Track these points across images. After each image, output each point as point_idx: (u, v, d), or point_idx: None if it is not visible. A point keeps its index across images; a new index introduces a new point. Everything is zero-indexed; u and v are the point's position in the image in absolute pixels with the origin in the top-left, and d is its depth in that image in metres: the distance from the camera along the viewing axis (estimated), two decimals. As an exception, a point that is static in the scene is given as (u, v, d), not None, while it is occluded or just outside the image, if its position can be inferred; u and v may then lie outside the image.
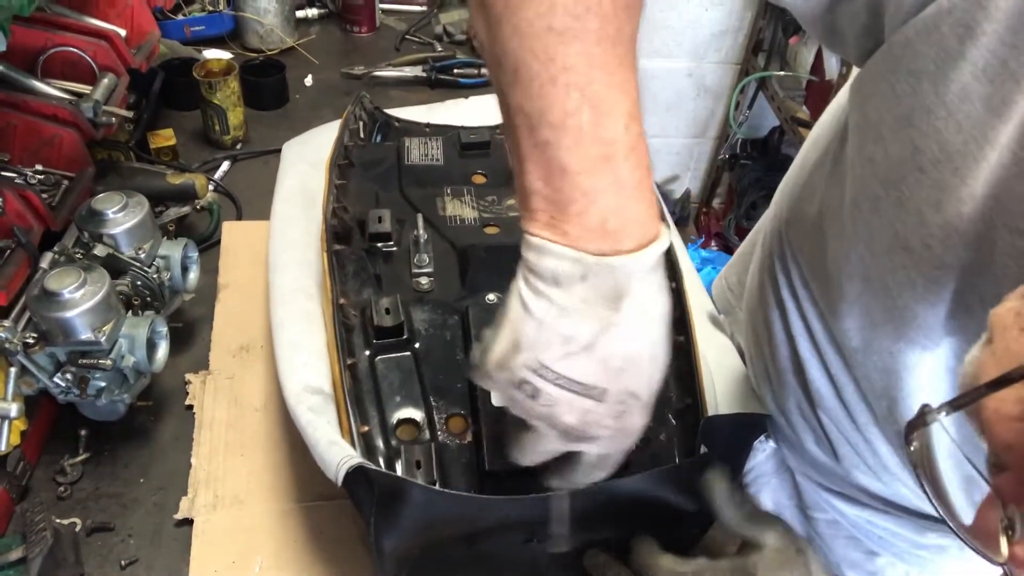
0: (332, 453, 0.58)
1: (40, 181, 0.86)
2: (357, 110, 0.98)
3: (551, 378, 0.45)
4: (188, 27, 1.47)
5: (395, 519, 0.58)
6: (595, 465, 0.51)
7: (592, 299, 0.44)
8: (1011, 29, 0.41)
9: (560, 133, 0.42)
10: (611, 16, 0.42)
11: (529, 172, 0.44)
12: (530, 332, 0.44)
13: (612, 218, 0.43)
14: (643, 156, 0.44)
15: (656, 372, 0.48)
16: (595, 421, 0.46)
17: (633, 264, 0.43)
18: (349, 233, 0.79)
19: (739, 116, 2.45)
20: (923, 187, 0.47)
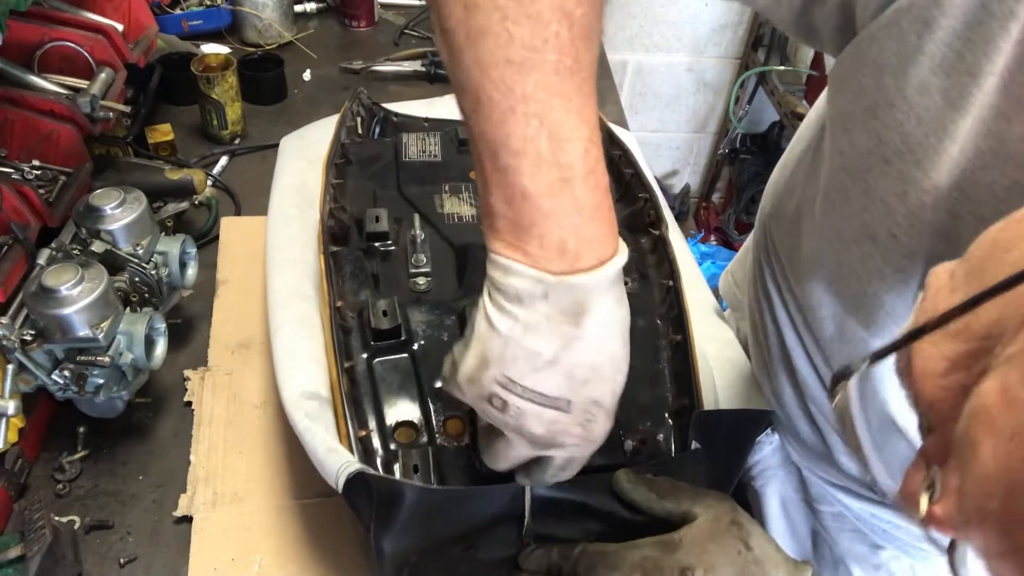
0: (331, 460, 0.58)
1: (37, 177, 0.86)
2: (355, 106, 0.97)
3: (518, 392, 0.47)
4: (186, 21, 1.46)
5: (394, 522, 0.58)
6: (562, 468, 0.53)
7: (554, 316, 0.45)
8: (966, 24, 0.42)
9: (520, 159, 0.44)
10: (568, 47, 0.44)
11: (493, 195, 0.46)
12: (497, 348, 0.46)
13: (571, 238, 0.45)
14: (601, 179, 0.47)
15: (618, 379, 0.49)
16: (562, 430, 0.48)
17: (591, 281, 0.45)
18: (347, 233, 0.79)
19: (739, 111, 2.45)
20: (888, 178, 0.49)
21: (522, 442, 0.50)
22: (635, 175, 0.86)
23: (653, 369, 0.71)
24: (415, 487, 0.57)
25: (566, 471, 0.54)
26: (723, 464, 0.64)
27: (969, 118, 0.44)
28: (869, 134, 0.50)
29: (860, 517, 0.76)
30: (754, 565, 0.56)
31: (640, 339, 0.73)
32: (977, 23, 0.42)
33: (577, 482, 0.58)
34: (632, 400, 0.69)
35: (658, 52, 2.37)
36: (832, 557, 0.82)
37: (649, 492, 0.60)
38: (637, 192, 0.85)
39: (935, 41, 0.44)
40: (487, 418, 0.49)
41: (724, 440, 0.64)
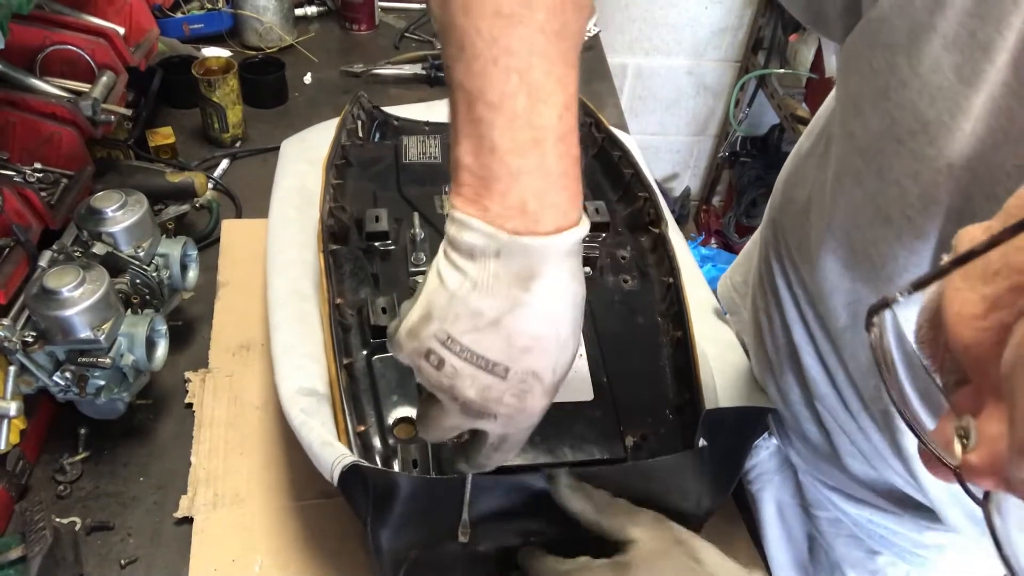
0: (326, 454, 0.58)
1: (39, 179, 0.86)
2: (355, 109, 0.98)
3: (456, 350, 0.46)
4: (187, 25, 1.47)
5: (390, 515, 0.58)
6: (496, 447, 0.52)
7: (504, 276, 0.44)
8: (977, 2, 0.42)
9: (495, 112, 0.43)
10: (558, 10, 0.44)
11: (461, 146, 0.45)
12: (441, 303, 0.45)
13: (532, 200, 0.44)
14: (572, 147, 0.46)
15: (563, 358, 0.48)
16: (495, 398, 0.47)
17: (546, 246, 0.44)
18: (346, 233, 0.79)
19: (739, 114, 2.45)
20: (901, 158, 0.48)
21: (454, 407, 0.48)
22: (635, 175, 0.87)
23: (654, 366, 0.72)
24: (409, 477, 0.57)
25: (500, 452, 0.53)
26: (726, 462, 0.65)
27: (982, 95, 0.43)
28: (882, 115, 0.49)
29: (857, 522, 0.76)
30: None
31: (641, 336, 0.74)
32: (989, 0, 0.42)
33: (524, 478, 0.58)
34: (633, 396, 0.69)
35: (658, 55, 2.38)
36: (828, 563, 0.82)
37: (586, 504, 0.59)
38: (637, 191, 0.85)
39: (947, 19, 0.44)
40: (421, 377, 0.48)
41: (727, 438, 0.64)
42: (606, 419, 0.67)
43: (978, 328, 0.29)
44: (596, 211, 0.81)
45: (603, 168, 0.92)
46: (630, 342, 0.73)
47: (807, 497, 0.81)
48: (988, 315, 0.29)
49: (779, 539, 0.84)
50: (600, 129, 0.96)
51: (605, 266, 0.79)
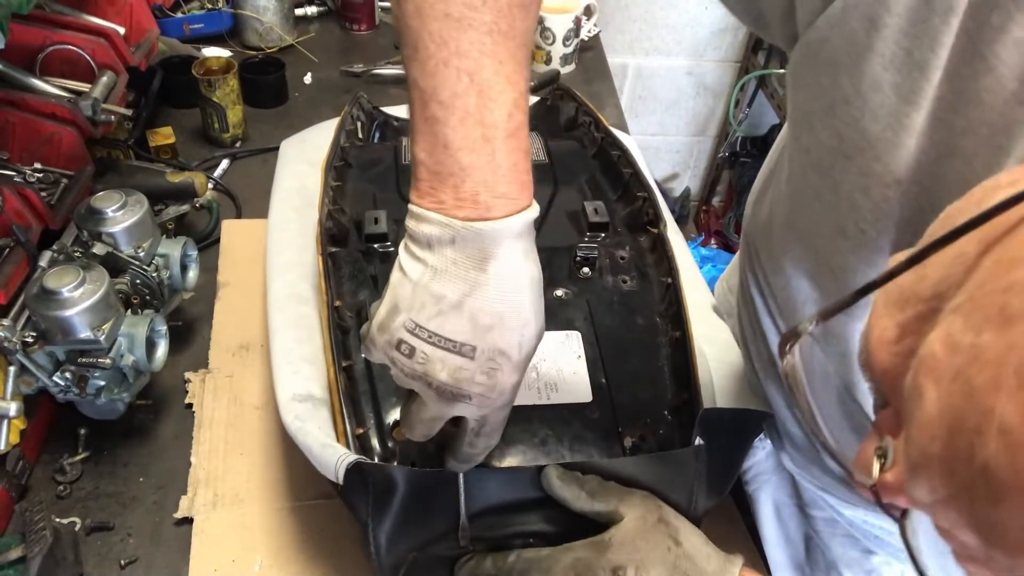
0: (327, 455, 0.58)
1: (39, 179, 0.86)
2: (354, 111, 0.98)
3: (424, 336, 0.48)
4: (187, 25, 1.47)
5: (390, 512, 0.58)
6: (476, 432, 0.54)
7: (461, 261, 0.47)
8: (910, 20, 0.44)
9: (448, 111, 0.46)
10: (505, 12, 0.46)
11: (418, 143, 0.47)
12: (406, 294, 0.48)
13: (483, 192, 0.47)
14: (521, 141, 0.48)
15: (527, 333, 0.50)
16: (467, 378, 0.49)
17: (497, 228, 0.47)
18: (346, 235, 0.79)
19: (739, 114, 2.45)
20: (851, 174, 0.50)
21: (430, 394, 0.50)
22: (634, 174, 0.87)
23: (653, 367, 0.72)
24: (408, 471, 0.57)
25: (482, 436, 0.54)
26: (722, 462, 0.65)
27: (922, 111, 0.45)
28: (830, 131, 0.51)
29: (852, 523, 0.76)
30: (685, 560, 0.56)
31: (640, 337, 0.74)
32: (921, 19, 0.43)
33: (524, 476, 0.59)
34: (632, 396, 0.69)
35: (658, 55, 2.38)
36: (825, 562, 0.82)
37: (578, 491, 0.60)
38: (636, 191, 0.85)
39: (883, 39, 0.45)
40: (396, 371, 0.50)
41: (724, 438, 0.64)
42: (604, 420, 0.67)
43: (892, 353, 0.30)
44: (595, 211, 0.81)
45: (602, 168, 0.92)
46: (629, 343, 0.73)
47: (803, 497, 0.81)
48: (900, 340, 0.30)
49: (776, 539, 0.84)
50: (599, 129, 0.96)
51: (604, 266, 0.79)
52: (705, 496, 0.64)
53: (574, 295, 0.76)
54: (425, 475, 0.59)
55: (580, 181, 0.90)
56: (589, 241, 0.79)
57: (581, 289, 0.77)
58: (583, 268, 0.78)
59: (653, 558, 0.56)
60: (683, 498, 0.62)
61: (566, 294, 0.76)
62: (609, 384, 0.70)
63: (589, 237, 0.80)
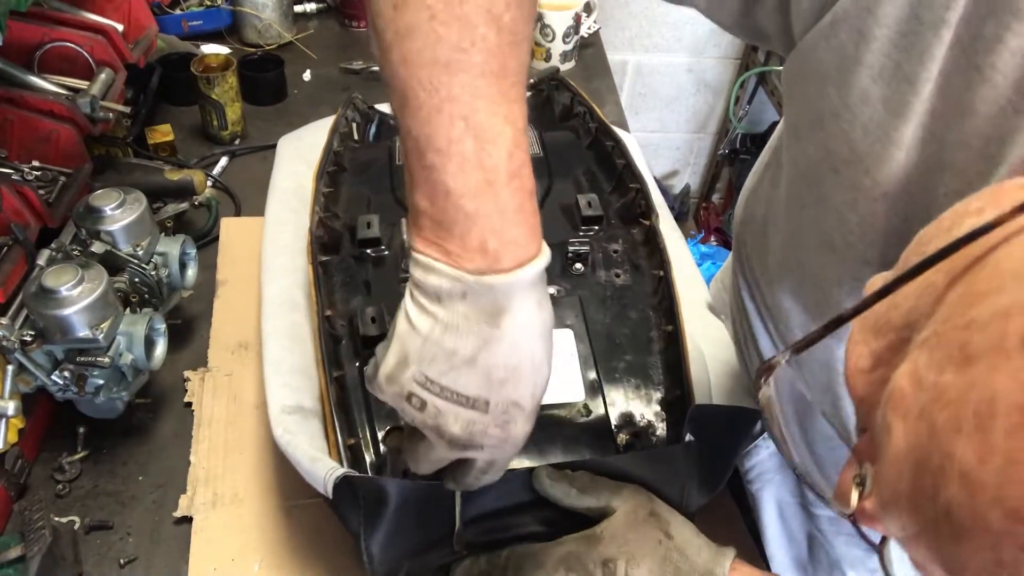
0: (317, 468, 0.58)
1: (37, 177, 0.86)
2: (348, 112, 0.97)
3: (436, 391, 0.47)
4: (186, 22, 1.46)
5: (382, 523, 0.58)
6: (484, 471, 0.53)
7: (472, 315, 0.45)
8: (899, 33, 0.43)
9: (445, 159, 0.44)
10: (495, 51, 0.44)
11: (417, 192, 0.45)
12: (416, 347, 0.46)
13: (491, 239, 0.45)
14: (525, 182, 0.46)
15: (539, 382, 0.49)
16: (480, 431, 0.48)
17: (510, 282, 0.45)
18: (338, 241, 0.79)
19: (739, 111, 2.45)
20: (839, 187, 0.49)
21: (441, 443, 0.49)
22: (627, 166, 0.86)
23: (646, 363, 0.72)
24: (399, 483, 0.57)
25: (488, 474, 0.53)
26: (714, 459, 0.64)
27: (911, 125, 0.44)
28: (817, 144, 0.50)
29: None
30: (676, 552, 0.56)
31: (632, 331, 0.74)
32: (911, 32, 0.43)
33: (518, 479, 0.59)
34: (624, 394, 0.69)
35: (658, 52, 2.37)
36: (828, 561, 0.82)
37: (569, 488, 0.60)
38: (628, 183, 0.85)
39: (872, 51, 0.45)
40: (406, 418, 0.49)
41: (717, 436, 0.64)
42: (597, 418, 0.67)
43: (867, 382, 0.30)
44: (588, 204, 0.81)
45: (597, 159, 0.92)
46: (621, 339, 0.73)
47: (807, 496, 0.81)
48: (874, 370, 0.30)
49: (779, 538, 0.84)
50: (594, 119, 0.96)
51: (597, 261, 0.78)
52: (697, 492, 0.63)
53: (567, 292, 0.76)
54: (417, 488, 0.59)
55: (575, 173, 0.90)
56: (582, 236, 0.79)
57: (574, 285, 0.76)
58: (576, 264, 0.78)
59: (644, 551, 0.56)
60: (675, 494, 0.62)
61: (559, 291, 0.76)
62: (602, 382, 0.69)
63: (583, 231, 0.80)
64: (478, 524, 0.61)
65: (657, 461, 0.62)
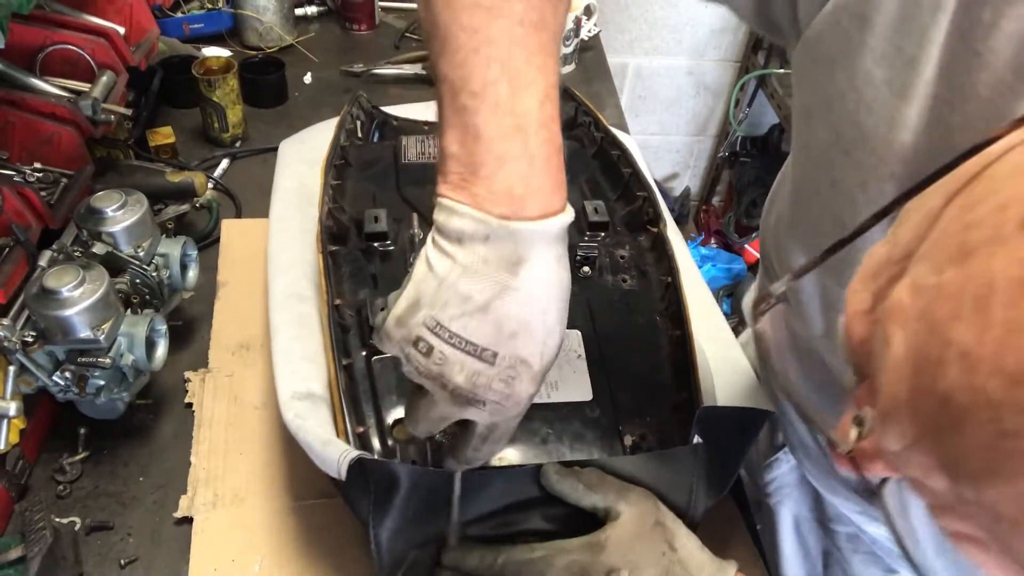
0: (329, 451, 0.58)
1: (39, 179, 0.86)
2: (354, 110, 0.98)
3: (445, 336, 0.46)
4: (187, 25, 1.47)
5: (391, 509, 0.58)
6: (484, 437, 0.52)
7: (492, 261, 0.45)
8: (899, 17, 0.44)
9: (479, 101, 0.45)
10: (536, 3, 0.46)
11: (448, 136, 0.46)
12: (430, 290, 0.46)
13: (518, 185, 0.45)
14: (554, 135, 0.47)
15: (550, 343, 0.49)
16: (484, 384, 0.47)
17: (533, 230, 0.45)
18: (346, 233, 0.79)
19: (739, 114, 2.45)
20: (849, 169, 0.50)
21: (443, 396, 0.49)
22: (633, 174, 0.87)
23: (653, 365, 0.72)
24: (410, 468, 0.58)
25: (489, 442, 0.53)
26: (721, 461, 0.65)
27: (914, 107, 0.45)
28: (827, 127, 0.51)
29: (875, 540, 0.76)
30: (678, 566, 0.56)
31: (640, 336, 0.74)
32: (910, 16, 0.44)
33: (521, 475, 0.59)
34: (632, 396, 0.69)
35: (658, 55, 2.38)
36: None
37: (576, 483, 0.59)
38: (635, 191, 0.85)
39: (875, 35, 0.46)
40: (409, 367, 0.49)
41: (724, 437, 0.64)
42: (605, 418, 0.68)
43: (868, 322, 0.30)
44: (595, 210, 0.81)
45: (602, 167, 0.92)
46: (629, 341, 0.73)
47: (827, 512, 0.80)
48: (875, 308, 0.30)
49: (795, 554, 0.84)
50: (599, 128, 0.96)
51: (604, 266, 0.79)
52: (704, 494, 0.64)
53: (574, 294, 0.76)
54: (427, 473, 0.60)
55: (580, 181, 0.90)
56: (589, 240, 0.80)
57: (581, 288, 0.77)
58: (583, 267, 0.78)
59: (647, 562, 0.55)
60: (682, 496, 0.62)
61: None
62: (609, 382, 0.70)
63: (589, 236, 0.80)
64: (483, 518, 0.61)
65: (664, 463, 0.62)
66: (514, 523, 0.62)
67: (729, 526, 0.79)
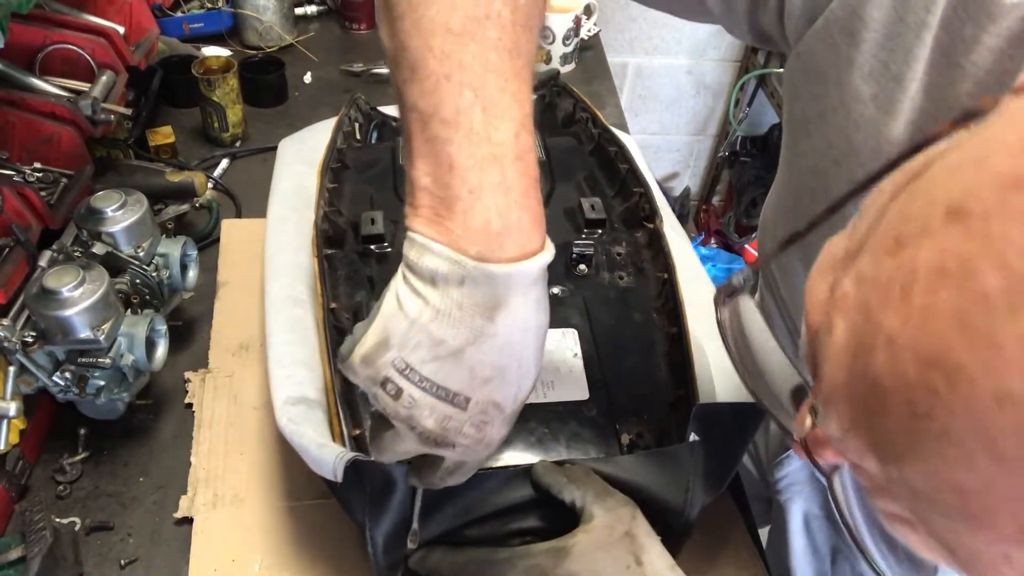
0: (325, 454, 0.58)
1: (38, 179, 0.86)
2: (352, 112, 0.97)
3: (415, 380, 0.44)
4: (187, 24, 1.46)
5: (388, 511, 0.58)
6: (451, 472, 0.51)
7: (467, 306, 0.43)
8: (885, 35, 0.46)
9: (451, 129, 0.42)
10: (509, 29, 0.43)
11: (417, 168, 0.43)
12: (401, 331, 0.44)
13: (495, 219, 0.43)
14: (531, 167, 0.44)
15: (523, 385, 0.47)
16: (455, 428, 0.46)
17: (511, 273, 0.43)
18: (342, 236, 0.79)
19: (739, 113, 2.45)
20: (840, 180, 0.51)
21: (411, 436, 0.47)
22: (630, 170, 0.86)
23: (650, 363, 0.72)
24: (407, 469, 0.57)
25: (454, 476, 0.52)
26: (719, 457, 0.65)
27: (901, 121, 0.46)
28: (822, 137, 0.52)
29: None
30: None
31: (637, 333, 0.74)
32: (895, 34, 0.45)
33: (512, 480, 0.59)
34: (629, 394, 0.69)
35: (658, 55, 2.38)
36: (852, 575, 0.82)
37: (559, 476, 0.59)
38: (632, 187, 0.85)
39: (862, 52, 0.47)
40: (378, 405, 0.47)
41: (722, 433, 0.64)
42: (601, 417, 0.67)
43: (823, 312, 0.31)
44: (592, 207, 0.81)
45: (599, 164, 0.92)
46: (626, 339, 0.73)
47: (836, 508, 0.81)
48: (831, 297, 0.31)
49: (804, 550, 0.84)
50: (596, 125, 0.96)
51: (601, 263, 0.79)
52: (702, 491, 0.63)
53: (571, 292, 0.76)
54: None
55: (577, 178, 0.90)
56: (586, 238, 0.80)
57: (577, 286, 0.77)
58: (580, 265, 0.78)
59: (610, 573, 0.54)
60: (679, 494, 0.62)
61: (562, 291, 0.76)
62: (606, 381, 0.70)
63: (586, 233, 0.80)
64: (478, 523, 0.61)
65: (660, 461, 0.62)
66: (508, 524, 0.62)
67: (729, 526, 0.79)
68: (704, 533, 0.61)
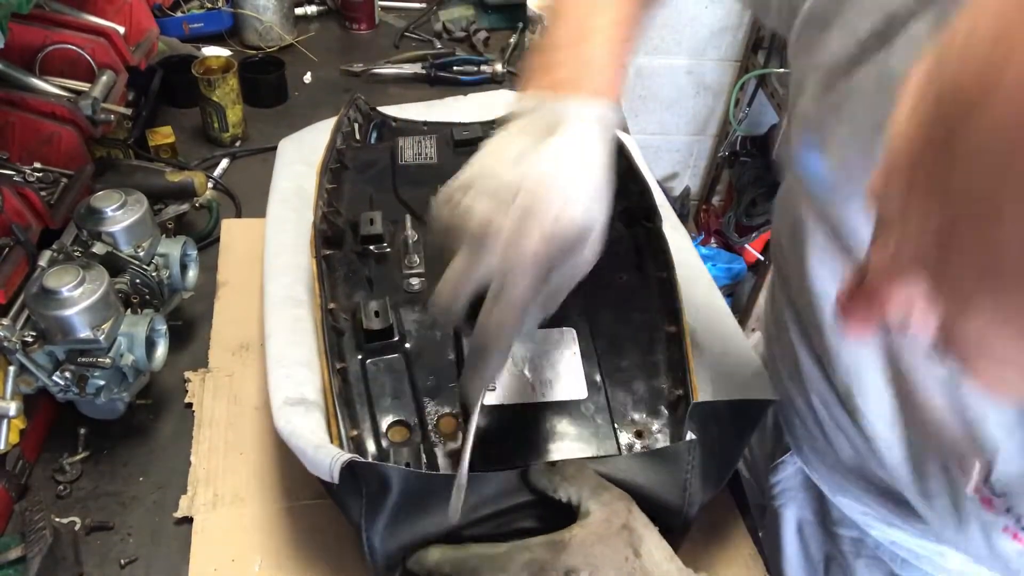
0: (321, 455, 0.58)
1: (39, 179, 0.86)
2: (351, 112, 0.98)
3: (476, 190, 0.52)
4: (187, 24, 1.47)
5: (383, 512, 0.58)
6: (495, 296, 0.52)
7: (530, 128, 0.53)
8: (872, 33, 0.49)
9: (561, 20, 0.57)
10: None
11: (534, 55, 0.57)
12: (480, 155, 0.53)
13: (575, 76, 0.54)
14: (616, 46, 0.56)
15: (567, 211, 0.50)
16: (494, 231, 0.50)
17: (572, 103, 0.53)
18: (341, 236, 0.79)
19: (739, 113, 2.45)
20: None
21: (462, 246, 0.51)
22: (629, 169, 0.86)
23: (648, 362, 0.72)
24: (401, 471, 0.57)
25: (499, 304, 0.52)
26: (717, 455, 0.64)
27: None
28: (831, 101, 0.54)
29: (880, 544, 0.76)
30: (640, 573, 0.54)
31: (636, 332, 0.74)
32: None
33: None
34: (627, 392, 0.69)
35: (658, 55, 2.38)
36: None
37: (554, 476, 0.59)
38: (631, 186, 0.85)
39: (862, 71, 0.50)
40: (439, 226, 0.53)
41: (720, 431, 0.64)
42: (600, 416, 0.68)
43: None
44: None
45: None
46: (624, 338, 0.73)
47: (831, 515, 0.80)
48: None
49: (796, 556, 0.84)
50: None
51: (600, 262, 0.79)
52: (700, 490, 0.63)
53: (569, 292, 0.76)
54: (419, 476, 0.59)
55: None
56: None
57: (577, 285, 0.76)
58: None
59: (608, 565, 0.54)
60: (677, 493, 0.62)
61: None
62: (604, 380, 0.70)
63: None
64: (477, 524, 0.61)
65: (659, 460, 0.62)
66: (507, 524, 0.62)
67: (729, 526, 0.79)
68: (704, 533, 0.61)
